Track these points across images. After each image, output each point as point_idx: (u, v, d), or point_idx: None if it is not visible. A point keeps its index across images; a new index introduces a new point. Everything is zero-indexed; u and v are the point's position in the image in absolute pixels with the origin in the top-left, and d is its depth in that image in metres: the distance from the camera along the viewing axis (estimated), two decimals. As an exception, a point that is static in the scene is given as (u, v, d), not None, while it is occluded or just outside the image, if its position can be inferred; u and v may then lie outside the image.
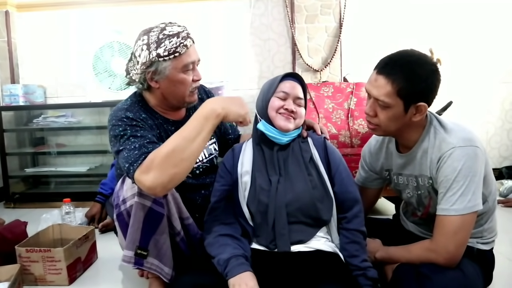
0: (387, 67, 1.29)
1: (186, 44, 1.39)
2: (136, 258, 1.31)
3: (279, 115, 1.40)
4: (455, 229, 1.24)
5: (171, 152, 1.20)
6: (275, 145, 1.43)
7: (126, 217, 1.34)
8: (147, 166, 1.21)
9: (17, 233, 1.87)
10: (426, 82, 1.26)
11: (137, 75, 1.42)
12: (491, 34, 3.19)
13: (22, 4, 3.31)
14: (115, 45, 3.06)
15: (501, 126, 3.31)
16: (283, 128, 1.39)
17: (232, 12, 3.24)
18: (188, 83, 1.44)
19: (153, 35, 1.38)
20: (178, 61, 1.39)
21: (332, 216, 1.38)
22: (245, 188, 1.40)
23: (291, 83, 1.43)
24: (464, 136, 1.28)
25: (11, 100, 3.10)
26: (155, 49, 1.36)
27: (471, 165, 1.24)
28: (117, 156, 1.36)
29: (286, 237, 1.32)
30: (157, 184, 1.20)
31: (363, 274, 1.29)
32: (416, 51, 1.32)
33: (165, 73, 1.40)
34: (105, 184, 2.48)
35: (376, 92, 1.31)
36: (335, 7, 3.04)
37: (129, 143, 1.31)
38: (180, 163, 1.21)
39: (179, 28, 1.41)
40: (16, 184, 3.19)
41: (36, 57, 3.38)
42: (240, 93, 3.29)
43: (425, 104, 1.28)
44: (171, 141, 1.23)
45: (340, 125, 2.61)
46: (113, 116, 1.41)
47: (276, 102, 1.40)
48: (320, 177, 1.41)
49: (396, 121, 1.32)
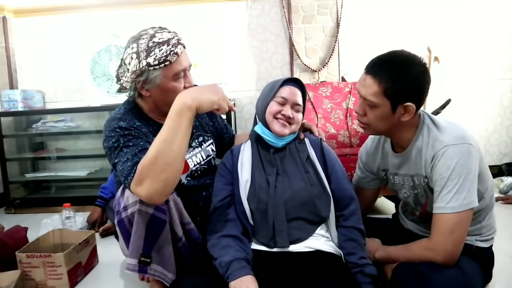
0: (375, 67, 1.31)
1: (177, 51, 1.35)
2: (140, 265, 1.31)
3: (276, 120, 1.44)
4: (451, 227, 1.25)
5: (154, 159, 1.19)
6: (271, 146, 1.48)
7: (127, 224, 1.34)
8: (138, 178, 1.22)
9: (17, 239, 1.87)
10: (413, 83, 1.27)
11: (128, 83, 1.39)
12: (489, 31, 3.19)
13: (19, 9, 3.31)
14: (112, 49, 3.06)
15: (500, 123, 3.31)
16: (278, 134, 1.43)
17: (229, 13, 3.24)
18: (179, 91, 1.38)
19: (143, 42, 1.34)
20: (168, 70, 1.35)
21: (330, 213, 1.40)
22: (245, 186, 1.42)
23: (291, 89, 1.46)
24: (457, 134, 1.29)
25: (10, 105, 3.10)
26: (144, 58, 1.32)
27: (464, 163, 1.25)
28: (114, 169, 1.37)
29: (285, 234, 1.33)
30: (152, 193, 1.21)
31: (361, 271, 1.29)
32: (405, 52, 1.33)
33: (156, 82, 1.36)
34: (105, 188, 2.49)
35: (364, 91, 1.33)
36: (332, 7, 3.04)
37: (122, 155, 1.31)
38: (167, 167, 1.20)
39: (169, 35, 1.36)
40: (16, 190, 3.19)
41: (34, 62, 3.38)
42: (238, 95, 3.29)
43: (412, 105, 1.29)
44: (152, 148, 1.22)
45: (339, 125, 2.61)
46: (107, 126, 1.40)
47: (274, 107, 1.44)
48: (317, 175, 1.44)
49: (384, 120, 1.34)
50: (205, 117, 1.69)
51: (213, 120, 1.73)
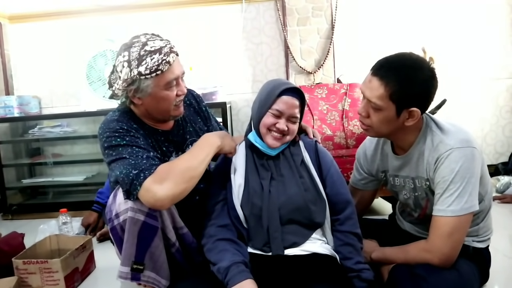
0: (382, 69, 1.28)
1: (169, 60, 1.32)
2: (132, 273, 1.30)
3: (270, 133, 1.40)
4: (450, 230, 1.24)
5: (186, 168, 1.28)
6: (264, 153, 1.45)
7: (119, 231, 1.33)
8: (161, 176, 1.24)
9: (14, 245, 1.87)
10: (420, 88, 1.25)
11: (119, 90, 1.38)
12: (483, 30, 3.21)
13: (14, 15, 3.31)
14: (108, 54, 3.06)
15: (496, 123, 3.32)
16: (270, 146, 1.41)
17: (224, 17, 3.24)
18: (171, 99, 1.39)
19: (134, 51, 1.31)
20: (160, 79, 1.33)
21: (325, 218, 1.39)
22: (238, 190, 1.40)
23: (289, 101, 1.37)
24: (461, 137, 1.28)
25: (6, 111, 3.09)
26: (136, 66, 1.30)
27: (468, 166, 1.24)
28: (115, 163, 1.31)
29: (279, 240, 1.32)
30: (168, 196, 1.24)
31: (358, 276, 1.29)
32: (414, 55, 1.31)
33: (148, 91, 1.35)
34: (102, 193, 2.48)
35: (369, 93, 1.30)
36: (326, 9, 3.05)
37: (133, 152, 1.30)
38: (190, 180, 1.29)
39: (161, 43, 1.34)
40: (13, 196, 3.18)
41: (30, 68, 3.38)
42: (234, 98, 3.30)
43: (418, 110, 1.27)
44: (185, 159, 1.32)
45: (335, 126, 2.62)
46: (106, 128, 1.37)
47: (269, 119, 1.38)
48: (312, 180, 1.41)
49: (388, 124, 1.32)
50: (200, 122, 1.67)
51: (207, 124, 1.71)
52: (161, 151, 1.47)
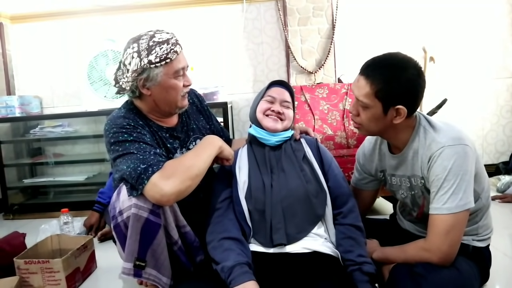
0: (368, 69, 1.32)
1: (176, 50, 1.41)
2: (135, 269, 1.31)
3: (267, 117, 1.53)
4: (448, 228, 1.25)
5: (191, 166, 1.32)
6: (266, 146, 1.52)
7: (123, 229, 1.34)
8: (169, 172, 1.27)
9: (15, 245, 1.87)
10: (405, 86, 1.27)
11: (128, 83, 1.42)
12: (483, 30, 3.20)
13: (16, 16, 3.32)
14: (109, 54, 3.06)
15: (497, 122, 3.32)
16: (270, 129, 1.50)
17: (225, 17, 3.25)
18: (179, 89, 1.46)
19: (143, 42, 1.38)
20: (169, 67, 1.40)
21: (327, 209, 1.41)
22: (243, 187, 1.44)
23: (278, 89, 1.57)
24: (453, 135, 1.29)
25: (7, 111, 3.10)
26: (146, 56, 1.37)
27: (461, 164, 1.25)
28: (121, 158, 1.34)
29: (282, 231, 1.34)
30: (174, 192, 1.26)
31: (359, 269, 1.29)
32: (401, 54, 1.33)
33: (157, 80, 1.40)
34: (103, 193, 2.48)
35: (357, 92, 1.35)
36: (327, 9, 3.05)
37: (141, 148, 1.33)
38: (195, 178, 1.33)
39: (168, 35, 1.42)
40: (14, 195, 3.19)
41: (31, 68, 3.39)
42: (235, 98, 3.30)
43: (404, 108, 1.29)
44: (190, 157, 1.36)
45: (336, 126, 2.62)
46: (112, 124, 1.40)
47: (264, 105, 1.54)
48: (313, 172, 1.46)
49: (376, 121, 1.35)
50: (202, 120, 1.71)
51: (209, 123, 1.74)
52: (166, 148, 1.50)
